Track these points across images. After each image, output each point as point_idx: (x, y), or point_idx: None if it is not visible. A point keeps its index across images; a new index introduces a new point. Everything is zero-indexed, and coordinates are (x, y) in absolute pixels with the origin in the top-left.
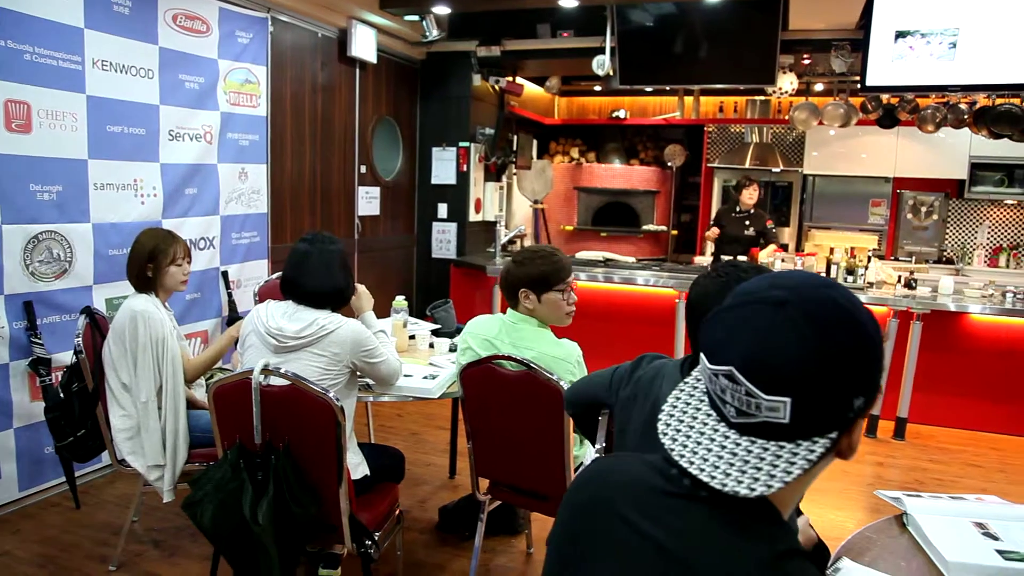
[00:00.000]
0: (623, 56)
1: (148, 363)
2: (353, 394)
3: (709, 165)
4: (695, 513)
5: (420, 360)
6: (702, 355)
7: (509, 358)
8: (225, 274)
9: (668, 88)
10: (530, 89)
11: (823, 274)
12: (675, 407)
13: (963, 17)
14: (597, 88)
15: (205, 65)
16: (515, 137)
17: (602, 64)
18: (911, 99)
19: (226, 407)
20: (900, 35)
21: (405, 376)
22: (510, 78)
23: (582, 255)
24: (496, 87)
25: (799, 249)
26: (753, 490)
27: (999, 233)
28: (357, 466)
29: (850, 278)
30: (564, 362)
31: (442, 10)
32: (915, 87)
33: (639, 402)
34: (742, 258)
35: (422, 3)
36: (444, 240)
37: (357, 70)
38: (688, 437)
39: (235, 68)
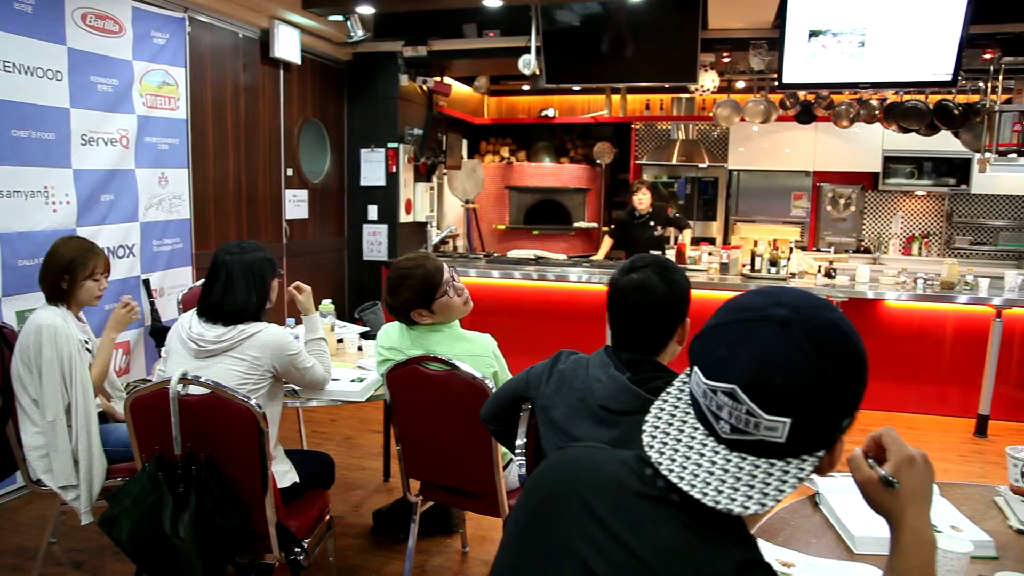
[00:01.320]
0: (549, 55)
1: (55, 380)
2: (278, 400)
3: (637, 162)
4: (666, 518)
5: (348, 363)
6: (697, 370)
7: (435, 359)
8: (147, 282)
9: (595, 87)
10: (459, 89)
11: (747, 266)
12: (659, 418)
13: (869, 18)
14: (525, 87)
15: (119, 67)
16: (445, 137)
17: (528, 63)
18: (826, 95)
19: (144, 419)
20: (813, 34)
21: (332, 380)
22: (438, 78)
23: (513, 253)
24: (424, 87)
25: (726, 242)
26: (747, 508)
27: (911, 222)
28: (285, 473)
29: (773, 269)
30: (481, 357)
31: (366, 10)
32: (828, 84)
33: (563, 394)
34: (670, 255)
35: (346, 3)
36: (375, 242)
37: (281, 71)
38: (676, 451)
39: (151, 70)
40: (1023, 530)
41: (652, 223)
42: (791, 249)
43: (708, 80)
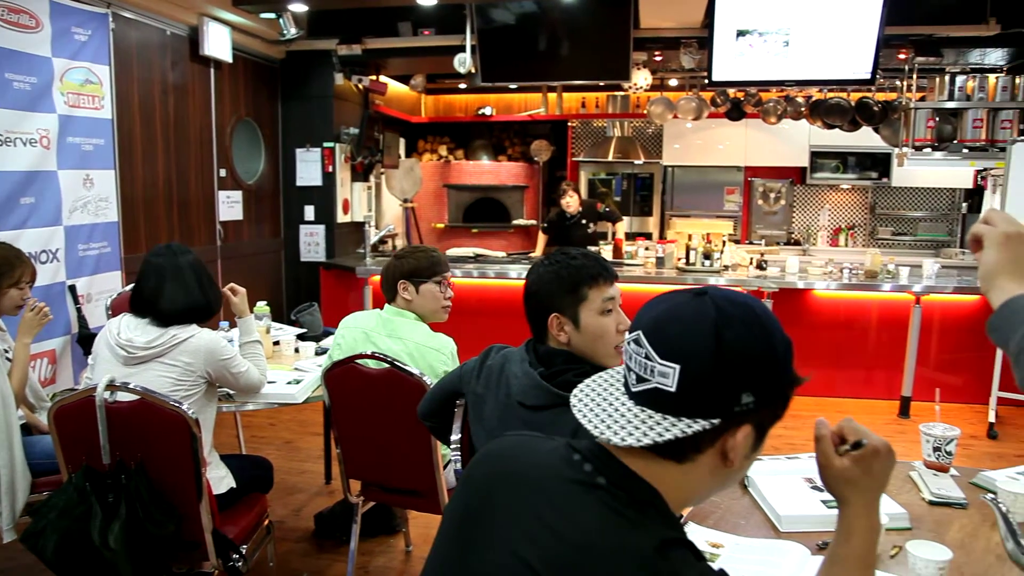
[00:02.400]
0: (484, 54)
1: None
2: (212, 405)
3: (574, 159)
4: (592, 501)
5: (285, 366)
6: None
7: (373, 356)
8: (72, 288)
9: (531, 85)
10: (395, 88)
11: (682, 260)
12: (589, 386)
13: (793, 19)
14: (462, 86)
15: (37, 64)
16: (382, 136)
17: (463, 62)
18: (754, 93)
19: (69, 428)
20: (740, 34)
21: (268, 383)
22: (373, 77)
23: (452, 252)
24: (360, 86)
25: (662, 237)
26: (624, 440)
27: (838, 215)
28: (221, 479)
29: (707, 262)
30: (439, 352)
31: (299, 8)
32: (755, 82)
33: (492, 391)
34: (607, 250)
35: (278, 1)
36: (312, 243)
37: (212, 70)
38: (594, 403)
39: (73, 67)
40: (935, 501)
41: (584, 221)
42: (724, 242)
43: (641, 78)
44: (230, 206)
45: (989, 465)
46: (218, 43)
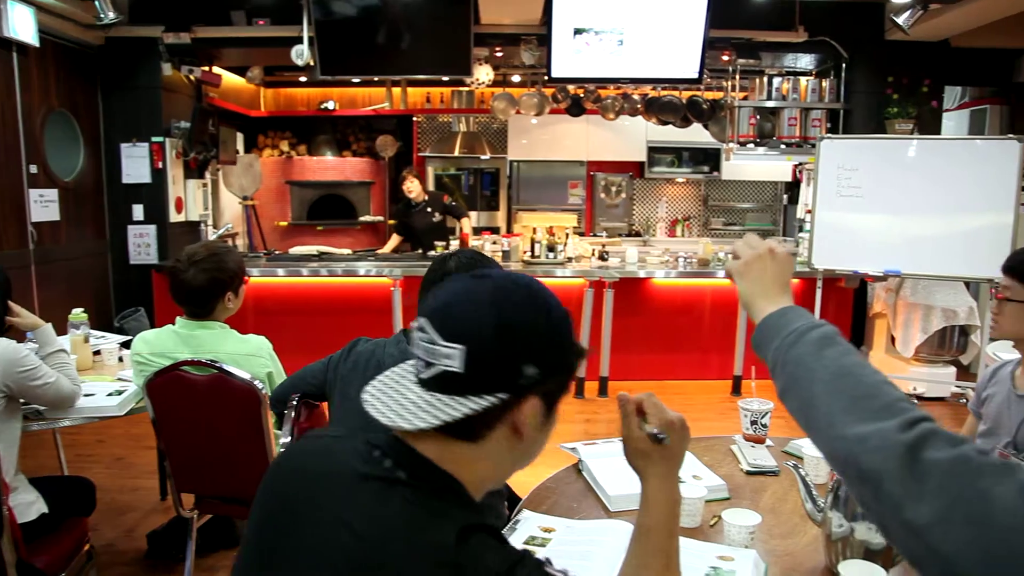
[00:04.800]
0: (323, 46)
1: None
2: (14, 423)
3: (421, 154)
4: (391, 496)
5: (107, 376)
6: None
7: (197, 363)
8: None
9: (376, 79)
10: (231, 80)
11: (528, 253)
12: (382, 380)
13: (626, 19)
14: (303, 79)
15: None
16: (217, 130)
17: (301, 54)
18: (593, 90)
19: None
20: (577, 32)
21: (86, 395)
22: (206, 68)
23: (296, 250)
24: (191, 77)
25: (509, 231)
26: (414, 424)
27: (675, 207)
28: (30, 505)
29: (551, 254)
30: (256, 358)
31: None
32: (593, 79)
33: (359, 371)
34: (454, 244)
35: None
36: (142, 244)
37: (15, 54)
38: (385, 395)
39: None
40: (751, 471)
41: (429, 210)
42: (567, 235)
43: (483, 74)
44: (44, 206)
45: None
46: (21, 24)
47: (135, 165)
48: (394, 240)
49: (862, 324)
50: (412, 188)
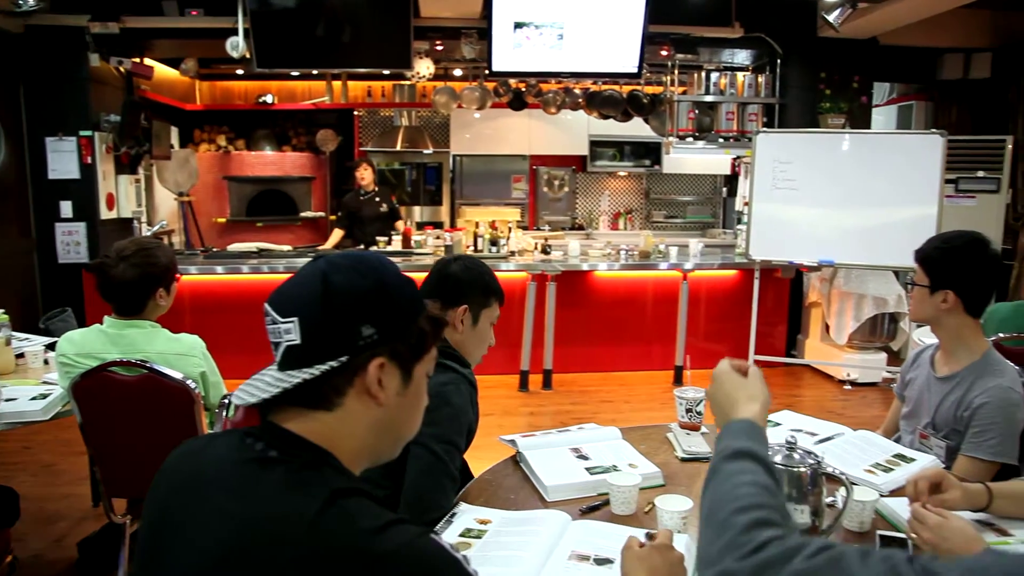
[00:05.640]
0: (259, 38)
1: None
2: None
3: (362, 149)
4: (267, 475)
5: (31, 380)
6: None
7: (126, 363)
8: None
9: (315, 72)
10: (165, 72)
11: (471, 247)
12: (256, 374)
13: (566, 14)
14: (239, 72)
15: None
16: (150, 124)
17: (236, 46)
18: (534, 84)
19: None
20: (518, 26)
21: (8, 400)
22: (137, 59)
23: (234, 247)
24: (121, 69)
25: (453, 225)
26: (255, 396)
27: (617, 200)
28: None
29: (494, 248)
30: (189, 357)
31: None
32: (533, 73)
33: None
34: (397, 239)
35: None
36: (71, 242)
37: None
38: (246, 386)
39: None
40: (686, 457)
41: (378, 199)
42: (510, 229)
43: (424, 67)
44: None
45: None
46: None
47: (62, 160)
48: (336, 235)
49: (799, 313)
50: (365, 176)
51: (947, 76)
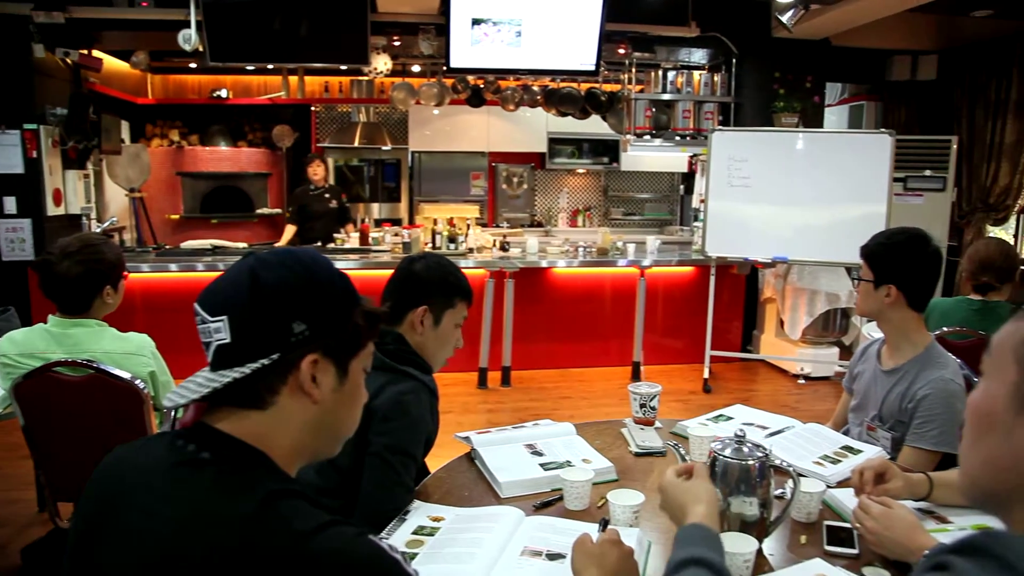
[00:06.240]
0: (212, 31)
1: None
2: None
3: (319, 145)
4: (198, 477)
5: None
6: None
7: (72, 363)
8: None
9: (271, 67)
10: (115, 64)
11: (428, 244)
12: (190, 378)
13: (524, 10)
14: (193, 65)
15: None
16: (99, 118)
17: (188, 39)
18: (493, 80)
19: None
20: (476, 22)
21: None
22: (84, 51)
23: (188, 244)
24: (68, 60)
25: (411, 222)
26: (186, 397)
27: (576, 197)
28: None
29: (452, 245)
30: (137, 356)
31: None
32: (491, 69)
33: None
34: (353, 236)
35: None
36: (16, 240)
37: None
38: (181, 389)
39: None
40: (640, 452)
41: (328, 196)
42: (468, 226)
43: (381, 63)
44: None
45: None
46: None
47: (5, 154)
48: (289, 231)
49: (754, 309)
50: (318, 172)
51: (896, 77)
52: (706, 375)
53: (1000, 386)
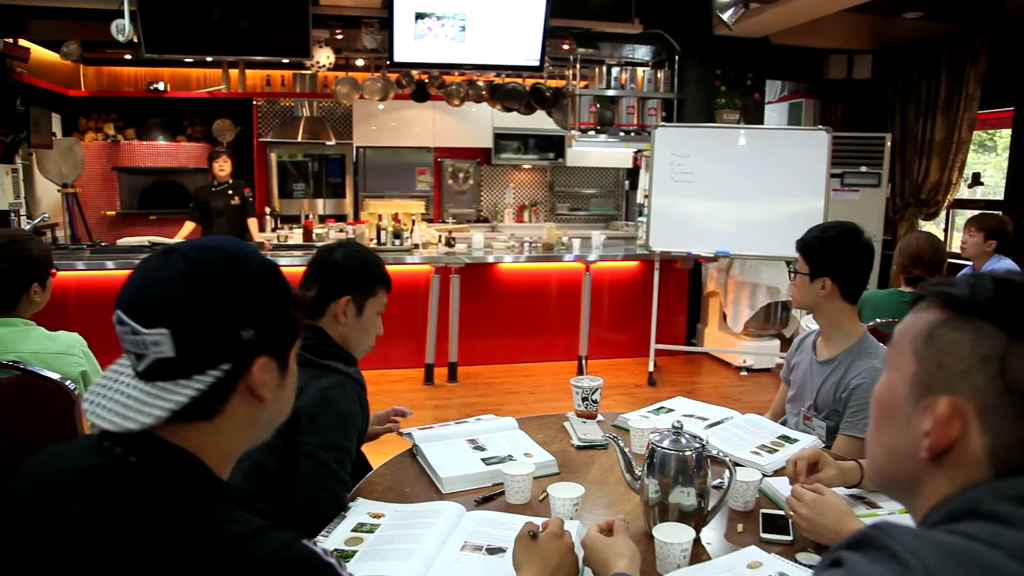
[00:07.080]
0: (147, 21)
1: None
2: None
3: (262, 140)
4: (124, 481)
5: None
6: None
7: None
8: None
9: (210, 59)
10: (44, 54)
11: (372, 240)
12: (100, 382)
13: (468, 5)
14: (128, 57)
15: None
16: (27, 110)
17: (122, 29)
18: (437, 75)
19: None
20: (419, 16)
21: None
22: (9, 40)
23: (125, 242)
24: None
25: (356, 218)
26: (142, 423)
27: (522, 193)
28: None
29: (397, 241)
30: (67, 356)
31: None
32: (435, 64)
33: None
34: (296, 232)
35: None
36: None
37: None
38: (104, 398)
39: None
40: (581, 445)
41: (231, 192)
42: (414, 222)
43: (324, 56)
44: None
45: None
46: None
47: None
48: (186, 229)
49: (698, 302)
50: (225, 167)
51: (832, 76)
52: (651, 368)
53: (900, 377)
